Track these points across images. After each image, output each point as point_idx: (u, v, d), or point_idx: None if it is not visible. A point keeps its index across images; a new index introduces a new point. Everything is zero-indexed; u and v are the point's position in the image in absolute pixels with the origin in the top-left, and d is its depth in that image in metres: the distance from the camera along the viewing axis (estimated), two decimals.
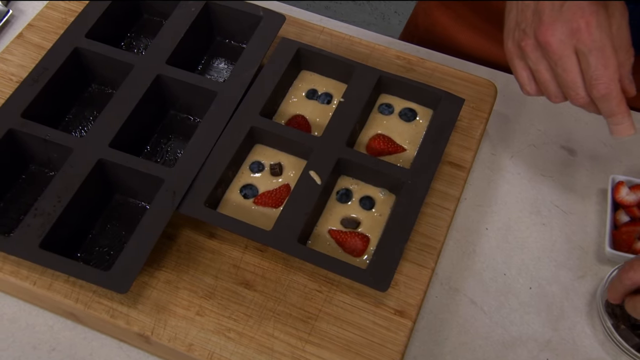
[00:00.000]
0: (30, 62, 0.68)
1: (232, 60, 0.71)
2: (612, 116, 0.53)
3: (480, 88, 0.69)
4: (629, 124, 0.53)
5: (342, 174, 0.62)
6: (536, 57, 0.53)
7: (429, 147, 0.62)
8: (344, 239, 0.58)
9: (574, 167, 0.69)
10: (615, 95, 0.52)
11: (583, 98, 0.53)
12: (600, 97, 0.52)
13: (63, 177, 0.57)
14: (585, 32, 0.50)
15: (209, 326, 0.54)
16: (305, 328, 0.55)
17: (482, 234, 0.64)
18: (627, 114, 0.53)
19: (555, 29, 0.51)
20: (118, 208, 0.61)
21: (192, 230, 0.59)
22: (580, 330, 0.59)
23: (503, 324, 0.59)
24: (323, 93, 0.67)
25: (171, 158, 0.64)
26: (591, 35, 0.50)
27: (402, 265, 0.58)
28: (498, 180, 0.68)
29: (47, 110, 0.63)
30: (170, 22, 0.67)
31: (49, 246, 0.54)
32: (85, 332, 0.57)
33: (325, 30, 0.73)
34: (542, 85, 0.55)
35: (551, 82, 0.54)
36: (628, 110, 0.53)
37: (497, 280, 0.62)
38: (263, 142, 0.63)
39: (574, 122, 0.72)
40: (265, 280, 0.57)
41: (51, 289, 0.55)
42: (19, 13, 0.77)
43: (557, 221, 0.65)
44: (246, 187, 0.61)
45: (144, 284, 0.56)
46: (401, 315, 0.56)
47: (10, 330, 0.57)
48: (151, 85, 0.63)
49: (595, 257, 0.63)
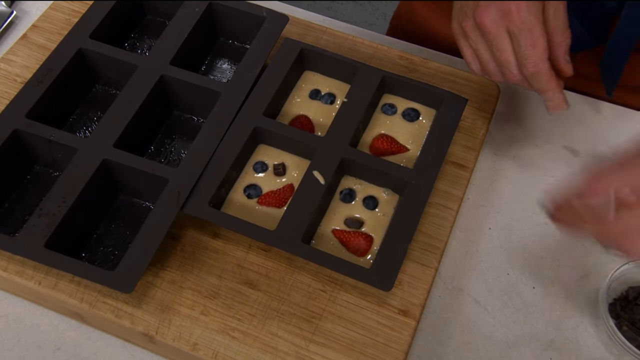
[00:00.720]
0: (35, 63, 0.69)
1: (236, 60, 0.71)
2: (544, 92, 0.57)
3: (483, 88, 0.70)
4: (561, 99, 0.57)
5: (345, 173, 0.62)
6: (476, 37, 0.57)
7: (433, 147, 0.62)
8: (347, 238, 0.58)
9: (576, 167, 0.69)
10: (544, 72, 0.55)
11: (516, 76, 0.57)
12: (530, 75, 0.56)
13: (68, 177, 0.57)
14: (515, 14, 0.53)
15: (214, 326, 0.54)
16: (309, 327, 0.55)
17: (485, 233, 0.64)
18: (557, 90, 0.57)
19: (490, 11, 0.54)
20: (122, 208, 0.61)
21: (197, 230, 0.59)
22: (584, 329, 0.59)
23: (506, 323, 0.59)
24: (326, 93, 0.67)
25: (175, 158, 0.64)
26: (521, 17, 0.53)
27: (406, 264, 0.58)
28: (501, 180, 0.68)
29: (51, 111, 0.63)
30: (173, 23, 0.67)
31: (54, 246, 0.54)
32: (89, 331, 0.57)
33: (328, 31, 0.73)
34: (482, 64, 0.59)
35: (490, 61, 0.58)
36: (559, 87, 0.57)
37: (501, 279, 0.62)
38: (267, 142, 0.64)
39: (577, 122, 0.72)
40: (269, 280, 0.57)
41: (56, 288, 0.55)
42: (22, 14, 0.77)
43: None
44: (250, 187, 0.61)
45: (148, 283, 0.56)
46: (405, 314, 0.56)
47: (15, 330, 0.57)
48: (155, 86, 0.63)
49: (598, 256, 0.63)
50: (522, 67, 0.56)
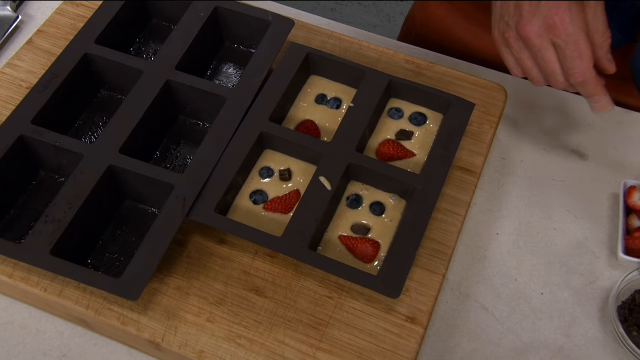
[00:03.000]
0: (40, 68, 0.69)
1: (242, 65, 0.71)
2: (591, 97, 0.59)
3: (490, 92, 0.69)
4: (607, 101, 0.59)
5: (352, 179, 0.62)
6: (519, 47, 0.58)
7: (440, 152, 0.62)
8: (354, 245, 0.58)
9: (585, 171, 0.68)
10: (591, 81, 0.57)
11: (563, 84, 0.58)
12: (578, 84, 0.58)
13: (74, 183, 0.57)
14: (560, 27, 0.54)
15: (220, 333, 0.54)
16: (316, 335, 0.55)
17: (493, 239, 0.64)
18: (603, 94, 0.59)
19: (534, 24, 0.55)
20: (128, 214, 0.61)
21: (203, 236, 0.59)
22: (593, 336, 0.59)
23: (515, 330, 0.59)
24: (332, 98, 0.67)
25: (181, 164, 0.64)
26: (566, 30, 0.54)
27: (413, 271, 0.58)
28: (509, 185, 0.67)
29: (57, 117, 0.63)
30: (179, 28, 0.67)
31: (60, 253, 0.54)
32: (95, 338, 0.57)
33: (333, 35, 0.73)
34: (526, 71, 0.60)
35: (533, 69, 0.59)
36: (604, 90, 0.59)
37: (509, 286, 0.61)
38: (273, 147, 0.63)
39: (585, 126, 0.72)
40: (276, 287, 0.57)
41: (62, 295, 0.55)
42: (28, 19, 0.77)
43: (569, 226, 0.65)
44: (256, 193, 0.61)
45: (154, 290, 0.56)
46: (412, 321, 0.55)
47: (21, 337, 0.57)
48: (161, 91, 0.63)
49: (607, 262, 0.63)
50: (570, 77, 0.57)
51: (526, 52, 0.58)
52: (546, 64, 0.57)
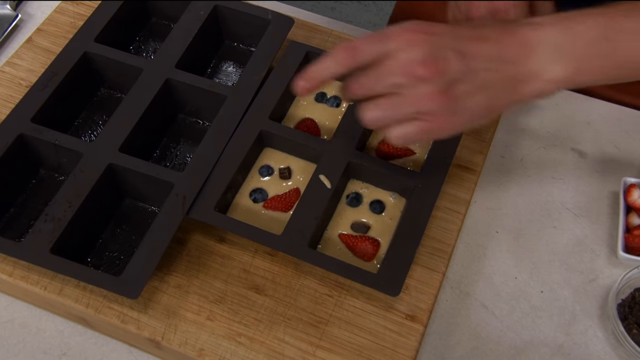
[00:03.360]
0: (40, 66, 0.68)
1: (241, 63, 0.71)
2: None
3: None
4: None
5: (351, 177, 0.62)
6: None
7: (439, 150, 0.61)
8: (354, 243, 0.58)
9: (584, 169, 0.68)
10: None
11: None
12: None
13: (73, 182, 0.57)
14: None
15: (220, 331, 0.54)
16: (316, 333, 0.55)
17: (493, 237, 0.64)
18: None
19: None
20: (128, 213, 0.61)
21: (202, 234, 0.59)
22: (593, 334, 0.59)
23: (515, 328, 0.59)
24: (332, 96, 0.67)
25: (181, 162, 0.64)
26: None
27: (413, 269, 0.58)
28: (508, 183, 0.67)
29: (57, 115, 0.63)
30: (179, 26, 0.67)
31: (60, 251, 0.54)
32: (95, 337, 0.57)
33: (333, 33, 0.73)
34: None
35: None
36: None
37: (508, 283, 0.61)
38: (272, 145, 0.63)
39: (585, 124, 0.71)
40: (276, 285, 0.57)
41: (62, 294, 0.55)
42: (28, 17, 0.77)
43: (568, 224, 0.65)
44: (256, 191, 0.61)
45: (154, 288, 0.56)
46: (412, 319, 0.56)
47: (21, 335, 0.57)
48: (160, 89, 0.63)
49: (607, 260, 0.63)
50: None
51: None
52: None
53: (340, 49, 0.49)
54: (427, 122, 0.49)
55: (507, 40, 0.48)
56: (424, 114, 0.48)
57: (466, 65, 0.47)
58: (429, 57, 0.47)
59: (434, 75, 0.47)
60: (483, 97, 0.48)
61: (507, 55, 0.48)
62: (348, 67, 0.49)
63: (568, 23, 0.48)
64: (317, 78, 0.51)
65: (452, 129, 0.49)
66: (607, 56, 0.48)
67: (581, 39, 0.48)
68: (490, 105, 0.49)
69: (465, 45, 0.48)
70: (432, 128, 0.49)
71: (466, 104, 0.48)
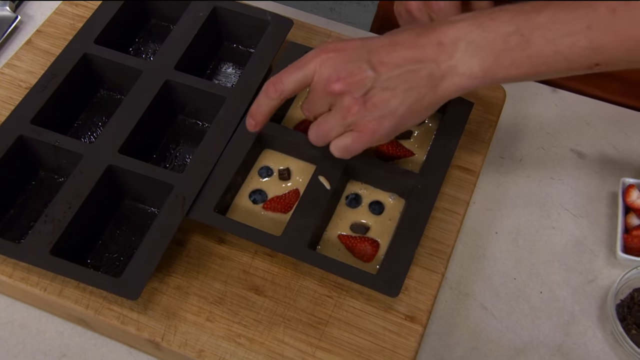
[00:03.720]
0: (39, 68, 0.69)
1: (240, 65, 0.71)
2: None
3: (489, 91, 0.69)
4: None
5: (351, 178, 0.62)
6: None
7: (439, 151, 0.62)
8: (353, 244, 0.58)
9: (583, 170, 0.69)
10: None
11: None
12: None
13: (73, 183, 0.57)
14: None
15: (219, 332, 0.54)
16: (315, 334, 0.55)
17: (492, 237, 0.64)
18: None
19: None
20: (128, 214, 0.61)
21: (202, 235, 0.59)
22: (592, 334, 0.59)
23: (514, 328, 0.59)
24: None
25: (180, 163, 0.64)
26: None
27: (412, 270, 0.58)
28: (507, 184, 0.67)
29: (56, 117, 0.63)
30: (178, 27, 0.67)
31: (60, 252, 0.54)
32: (95, 338, 0.57)
33: (332, 34, 0.73)
34: None
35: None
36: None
37: (508, 284, 0.61)
38: (272, 147, 0.63)
39: (584, 125, 0.72)
40: (275, 286, 0.57)
41: (61, 295, 0.55)
42: (27, 19, 0.77)
43: (567, 224, 0.65)
44: (255, 192, 0.61)
45: (154, 290, 0.56)
46: (411, 320, 0.56)
47: (21, 336, 0.57)
48: (160, 91, 0.63)
49: (606, 260, 0.63)
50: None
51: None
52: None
53: (268, 84, 0.53)
54: (358, 131, 0.52)
55: (422, 42, 0.51)
56: (352, 124, 0.51)
57: (379, 72, 0.50)
58: (342, 72, 0.50)
59: (350, 88, 0.50)
60: (405, 98, 0.51)
61: (423, 55, 0.50)
62: (280, 99, 0.53)
63: (483, 19, 0.50)
64: (260, 114, 0.55)
65: (385, 132, 0.52)
66: (522, 50, 0.49)
67: (496, 33, 0.49)
68: (415, 104, 0.51)
69: (377, 54, 0.50)
70: (364, 136, 0.52)
71: (389, 107, 0.50)
